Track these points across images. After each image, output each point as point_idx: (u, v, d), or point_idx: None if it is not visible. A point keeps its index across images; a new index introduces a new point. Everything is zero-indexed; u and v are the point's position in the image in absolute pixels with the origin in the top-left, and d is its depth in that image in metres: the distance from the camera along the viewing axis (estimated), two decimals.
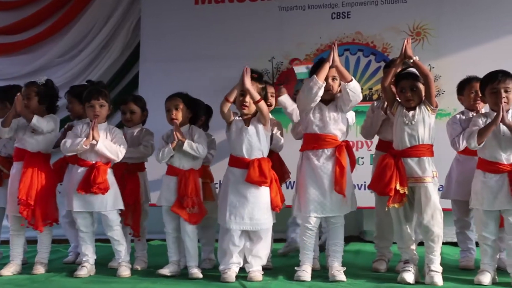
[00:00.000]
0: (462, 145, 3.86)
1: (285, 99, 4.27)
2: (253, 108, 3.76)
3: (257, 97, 3.69)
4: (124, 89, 5.88)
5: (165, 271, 3.84)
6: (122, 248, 3.95)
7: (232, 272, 3.68)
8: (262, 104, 3.71)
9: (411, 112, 3.62)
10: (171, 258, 3.94)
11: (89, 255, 3.93)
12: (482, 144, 3.53)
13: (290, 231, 4.70)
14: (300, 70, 4.33)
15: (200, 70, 5.47)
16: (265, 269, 3.84)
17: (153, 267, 4.06)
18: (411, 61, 3.57)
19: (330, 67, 3.67)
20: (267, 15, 5.50)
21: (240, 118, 3.81)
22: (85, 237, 3.93)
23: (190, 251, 3.88)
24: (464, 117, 4.06)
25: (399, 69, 3.69)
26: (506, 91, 3.53)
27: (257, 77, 3.82)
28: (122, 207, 3.96)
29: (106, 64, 5.92)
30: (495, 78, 3.56)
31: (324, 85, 3.65)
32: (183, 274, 3.91)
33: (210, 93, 4.09)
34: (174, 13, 5.70)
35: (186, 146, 3.83)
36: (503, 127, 3.52)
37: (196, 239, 3.92)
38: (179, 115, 3.91)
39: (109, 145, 3.89)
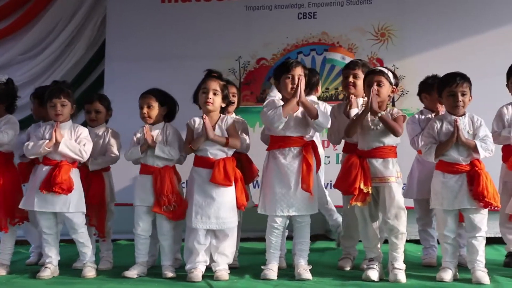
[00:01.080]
0: (421, 144, 3.92)
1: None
2: (217, 107, 3.78)
3: (223, 141, 3.74)
4: (89, 88, 5.80)
5: (132, 273, 3.80)
6: (87, 250, 3.90)
7: (198, 272, 3.67)
8: (232, 143, 3.76)
9: (377, 117, 3.66)
10: (138, 259, 3.90)
11: (52, 257, 3.87)
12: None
13: (328, 217, 4.68)
14: (334, 56, 4.35)
15: (167, 69, 5.44)
16: (232, 268, 3.85)
17: (118, 268, 4.01)
18: (378, 116, 3.61)
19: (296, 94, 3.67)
20: (234, 14, 5.51)
21: (200, 118, 3.80)
22: (48, 239, 3.87)
23: (165, 250, 3.87)
24: (423, 117, 4.14)
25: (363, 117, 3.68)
26: (463, 95, 3.60)
27: (217, 76, 3.84)
28: (84, 210, 3.90)
29: (70, 62, 5.82)
30: (452, 82, 3.62)
31: (286, 119, 3.68)
32: (149, 273, 3.88)
33: (176, 93, 4.05)
34: (140, 11, 5.66)
35: (158, 151, 3.80)
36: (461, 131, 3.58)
37: (172, 238, 3.90)
38: (151, 113, 3.88)
39: (72, 145, 3.82)
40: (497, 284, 3.50)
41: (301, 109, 3.76)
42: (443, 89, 3.67)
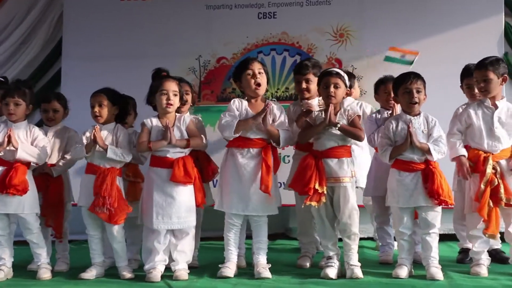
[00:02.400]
0: (378, 142, 3.98)
1: None
2: (175, 108, 3.78)
3: (184, 144, 3.73)
4: (45, 86, 5.68)
5: (89, 274, 3.74)
6: (42, 251, 3.83)
7: (157, 272, 3.65)
8: (194, 143, 3.76)
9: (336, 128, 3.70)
10: (94, 260, 3.85)
11: (6, 259, 3.77)
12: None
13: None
14: (393, 55, 4.35)
15: (125, 68, 5.37)
16: (191, 267, 3.84)
17: (75, 269, 3.95)
18: (337, 127, 3.66)
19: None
20: (194, 13, 5.49)
21: (157, 119, 3.78)
22: (1, 240, 3.77)
23: (118, 252, 3.81)
24: (379, 116, 4.24)
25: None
26: (417, 92, 3.68)
27: (166, 75, 3.82)
28: (39, 211, 3.82)
29: (25, 60, 5.69)
30: (407, 79, 3.70)
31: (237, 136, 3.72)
32: (107, 274, 3.84)
33: (135, 93, 4.01)
34: (99, 8, 5.58)
35: (110, 153, 3.73)
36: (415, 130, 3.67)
37: (123, 239, 3.85)
38: (102, 112, 3.82)
39: (30, 149, 3.75)
40: (451, 280, 3.59)
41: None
42: (399, 87, 3.74)
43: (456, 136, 3.84)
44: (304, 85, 4.06)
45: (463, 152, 3.78)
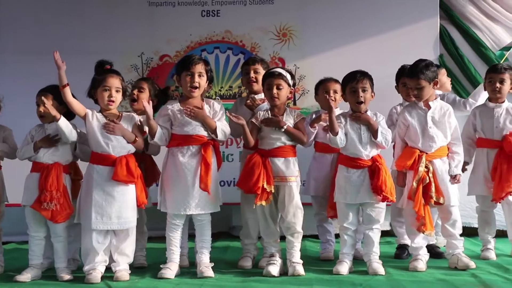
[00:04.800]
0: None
1: None
2: (118, 104, 3.71)
3: (132, 137, 3.68)
4: None
5: (25, 277, 3.62)
6: None
7: (97, 273, 3.57)
8: (140, 143, 3.73)
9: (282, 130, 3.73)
10: (31, 261, 3.73)
11: None
12: (339, 138, 3.71)
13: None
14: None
15: (66, 64, 5.16)
16: (139, 267, 3.82)
17: (11, 271, 3.82)
18: (283, 129, 3.70)
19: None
20: (137, 9, 5.39)
21: (101, 114, 3.71)
22: None
23: (59, 252, 3.72)
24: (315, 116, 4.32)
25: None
26: (363, 91, 3.77)
27: (113, 71, 3.76)
28: None
29: None
30: (353, 78, 3.78)
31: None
32: (44, 276, 3.73)
33: (76, 88, 3.89)
34: (37, 2, 5.39)
35: (62, 122, 3.62)
36: (363, 127, 3.76)
37: (66, 240, 3.75)
38: (47, 111, 3.69)
39: None
40: (389, 275, 3.68)
41: (206, 107, 3.78)
42: (346, 86, 3.82)
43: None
44: (252, 74, 4.09)
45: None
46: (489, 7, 5.30)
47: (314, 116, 4.31)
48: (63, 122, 3.62)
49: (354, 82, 3.76)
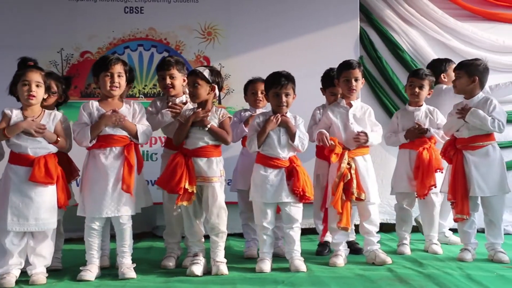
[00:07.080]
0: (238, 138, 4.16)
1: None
2: (40, 100, 3.60)
3: (54, 138, 3.59)
4: None
5: None
6: None
7: (11, 277, 3.43)
8: (61, 143, 3.64)
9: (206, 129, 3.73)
10: None
11: None
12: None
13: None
14: None
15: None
16: (54, 270, 3.71)
17: None
18: (207, 128, 3.69)
19: None
20: (56, 4, 5.23)
21: (20, 110, 3.58)
22: None
23: None
24: (247, 114, 4.37)
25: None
26: (286, 95, 3.83)
27: (36, 66, 3.65)
28: None
29: None
30: (277, 83, 3.81)
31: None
32: None
33: None
34: None
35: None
36: (282, 129, 3.82)
37: None
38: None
39: None
40: (310, 271, 3.77)
41: (125, 108, 3.71)
42: (269, 89, 3.87)
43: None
44: (168, 80, 4.03)
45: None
46: (405, 11, 5.54)
47: (242, 114, 4.35)
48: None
49: (278, 87, 3.81)
